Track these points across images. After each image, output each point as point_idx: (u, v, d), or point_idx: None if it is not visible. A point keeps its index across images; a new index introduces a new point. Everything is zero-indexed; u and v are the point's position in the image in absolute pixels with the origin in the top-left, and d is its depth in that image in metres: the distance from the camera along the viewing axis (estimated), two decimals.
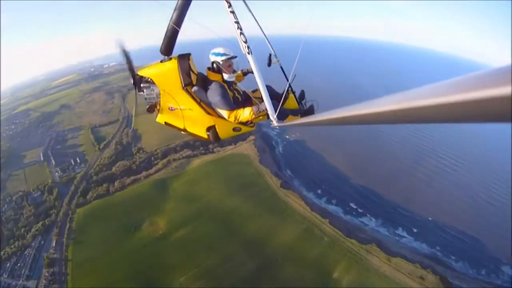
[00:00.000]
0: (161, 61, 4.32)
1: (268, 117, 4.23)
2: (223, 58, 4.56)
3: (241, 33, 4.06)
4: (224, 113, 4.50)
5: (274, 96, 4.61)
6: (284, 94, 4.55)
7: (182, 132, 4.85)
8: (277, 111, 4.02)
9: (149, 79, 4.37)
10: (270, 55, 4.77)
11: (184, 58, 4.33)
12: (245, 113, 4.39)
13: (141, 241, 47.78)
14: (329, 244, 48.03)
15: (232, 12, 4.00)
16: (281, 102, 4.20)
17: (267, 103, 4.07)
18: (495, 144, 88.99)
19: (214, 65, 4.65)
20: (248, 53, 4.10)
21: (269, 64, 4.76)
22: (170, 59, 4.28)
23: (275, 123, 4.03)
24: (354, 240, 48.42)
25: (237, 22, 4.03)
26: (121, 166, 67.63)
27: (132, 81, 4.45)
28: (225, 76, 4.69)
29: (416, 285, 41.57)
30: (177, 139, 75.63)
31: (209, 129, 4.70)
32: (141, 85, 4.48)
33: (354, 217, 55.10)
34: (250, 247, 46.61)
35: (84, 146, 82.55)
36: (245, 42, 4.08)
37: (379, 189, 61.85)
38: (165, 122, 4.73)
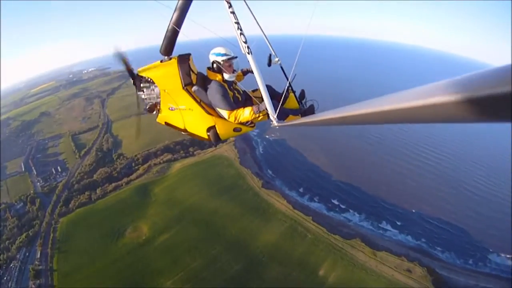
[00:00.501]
0: (161, 61, 4.56)
1: (269, 117, 4.35)
2: (224, 58, 4.79)
3: (241, 34, 4.25)
4: (224, 113, 4.68)
5: (274, 96, 4.82)
6: (284, 94, 4.69)
7: (183, 133, 5.06)
8: (277, 110, 4.14)
9: (149, 79, 4.64)
10: (270, 55, 4.87)
11: (184, 58, 4.57)
12: (245, 113, 4.54)
13: (125, 247, 49.80)
14: (313, 241, 50.00)
15: (233, 12, 4.21)
16: (281, 102, 4.32)
17: (267, 103, 4.19)
18: (478, 136, 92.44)
19: (214, 65, 4.85)
20: (248, 53, 4.28)
21: (269, 64, 4.87)
22: (170, 59, 4.50)
23: (275, 123, 4.14)
24: (338, 236, 50.45)
25: (237, 23, 4.23)
26: (102, 173, 70.34)
27: (132, 82, 4.72)
28: (225, 75, 4.89)
29: (404, 278, 43.42)
30: (158, 143, 78.31)
31: (209, 129, 4.85)
32: (141, 85, 4.74)
33: (337, 213, 57.50)
34: (234, 248, 48.68)
35: (64, 154, 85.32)
36: (245, 42, 4.25)
37: (360, 184, 64.37)
38: (165, 123, 4.95)
